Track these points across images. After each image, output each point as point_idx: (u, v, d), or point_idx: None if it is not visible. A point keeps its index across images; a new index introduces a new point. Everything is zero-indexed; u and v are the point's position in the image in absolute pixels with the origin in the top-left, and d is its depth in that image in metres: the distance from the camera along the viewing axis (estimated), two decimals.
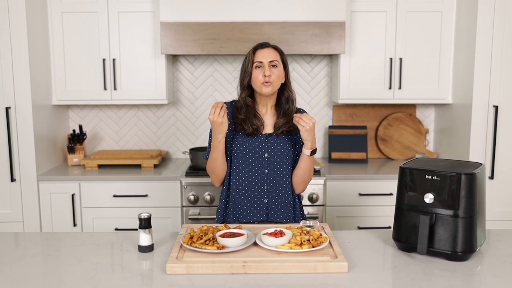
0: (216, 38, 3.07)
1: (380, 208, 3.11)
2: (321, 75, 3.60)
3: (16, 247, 1.86)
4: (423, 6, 3.20)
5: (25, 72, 2.94)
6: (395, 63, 3.25)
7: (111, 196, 3.09)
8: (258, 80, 2.03)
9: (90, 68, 3.24)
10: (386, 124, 3.59)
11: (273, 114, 2.13)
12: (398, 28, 3.22)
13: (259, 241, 1.70)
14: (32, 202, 3.05)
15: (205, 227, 1.80)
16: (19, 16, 2.90)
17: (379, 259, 1.71)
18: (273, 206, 2.10)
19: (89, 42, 3.22)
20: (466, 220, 1.64)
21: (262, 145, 2.08)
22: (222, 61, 3.58)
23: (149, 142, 3.67)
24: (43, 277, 1.56)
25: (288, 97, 2.11)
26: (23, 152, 3.01)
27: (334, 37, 3.09)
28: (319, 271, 1.55)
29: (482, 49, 2.94)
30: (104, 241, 1.87)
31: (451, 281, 1.50)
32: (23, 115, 2.98)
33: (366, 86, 3.28)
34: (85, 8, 3.18)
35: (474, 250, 1.65)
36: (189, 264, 1.55)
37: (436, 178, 1.67)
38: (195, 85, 3.60)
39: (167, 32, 3.06)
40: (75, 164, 3.40)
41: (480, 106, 2.98)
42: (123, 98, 3.27)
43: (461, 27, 3.14)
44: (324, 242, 1.68)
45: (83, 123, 3.61)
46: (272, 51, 2.06)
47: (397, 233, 1.77)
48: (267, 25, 3.06)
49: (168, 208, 3.09)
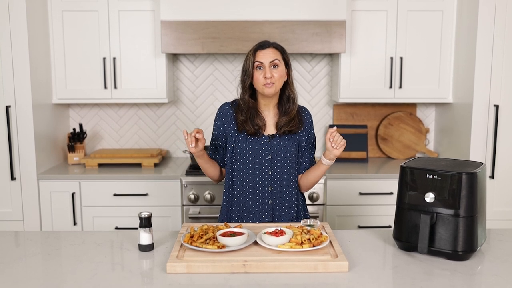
0: (216, 37, 3.07)
1: (380, 207, 3.11)
2: (321, 74, 3.60)
3: (16, 246, 1.86)
4: (423, 5, 3.19)
5: (26, 71, 2.94)
6: (395, 62, 3.24)
7: (111, 195, 3.09)
8: (259, 82, 2.01)
9: (91, 67, 3.24)
10: (387, 123, 3.59)
11: (275, 114, 2.11)
12: (398, 27, 3.21)
13: (259, 240, 1.69)
14: (32, 201, 3.05)
15: (206, 226, 1.80)
16: (19, 15, 2.90)
17: (380, 259, 1.71)
18: (278, 207, 2.09)
19: (89, 40, 3.21)
20: (467, 219, 1.64)
21: (266, 146, 2.07)
22: (222, 60, 3.57)
23: (150, 141, 3.66)
24: (43, 276, 1.56)
25: (289, 96, 2.09)
26: (23, 151, 3.01)
27: (334, 36, 3.08)
28: (320, 270, 1.55)
29: (482, 48, 2.93)
30: (104, 240, 1.87)
31: (451, 281, 1.50)
32: (24, 113, 2.98)
33: (367, 85, 3.27)
34: (85, 6, 3.18)
35: (475, 250, 1.65)
36: (189, 263, 1.55)
37: (437, 177, 1.67)
38: (196, 84, 3.60)
39: (167, 31, 3.06)
40: (75, 163, 3.40)
41: (480, 105, 2.98)
42: (123, 96, 3.27)
43: (461, 26, 3.13)
44: (324, 242, 1.68)
45: (84, 122, 3.60)
46: (272, 50, 2.03)
47: (397, 233, 1.77)
48: (268, 24, 3.06)
49: (168, 207, 3.09)
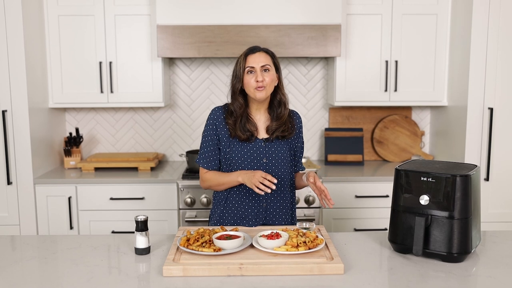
0: (212, 41, 3.08)
1: (376, 210, 3.12)
2: (317, 78, 3.61)
3: (13, 250, 1.86)
4: (418, 9, 3.21)
5: (22, 75, 2.94)
6: (390, 65, 3.26)
7: (108, 199, 3.09)
8: (250, 86, 2.01)
9: (87, 71, 3.24)
10: (382, 127, 3.60)
11: (267, 118, 2.11)
12: (393, 31, 3.23)
13: (255, 243, 1.70)
14: (28, 205, 3.05)
15: (202, 229, 1.81)
16: (15, 19, 2.90)
17: (375, 261, 1.71)
18: (272, 210, 2.10)
19: (85, 45, 3.22)
20: (461, 221, 1.65)
21: (260, 150, 2.06)
22: (218, 64, 3.58)
23: (146, 145, 3.67)
24: (40, 280, 1.57)
25: (280, 100, 2.09)
26: (19, 155, 3.01)
27: (330, 40, 3.10)
28: (315, 273, 1.55)
29: (477, 52, 2.95)
30: (100, 243, 1.87)
31: (446, 282, 1.51)
32: (20, 118, 2.98)
33: (362, 88, 3.29)
34: (81, 11, 3.18)
35: (470, 252, 1.67)
36: (185, 266, 1.55)
37: (431, 180, 1.68)
38: (192, 88, 3.61)
39: (163, 35, 3.07)
40: (71, 167, 3.40)
41: (475, 108, 3.00)
42: (119, 101, 3.27)
43: (456, 30, 3.15)
44: (320, 244, 1.69)
45: (80, 126, 3.60)
46: (263, 55, 2.04)
47: (393, 235, 1.77)
48: (264, 28, 3.07)
49: (164, 211, 3.09)
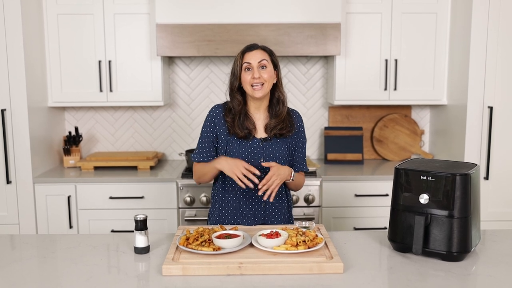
0: (212, 40, 3.07)
1: (376, 209, 3.12)
2: (316, 77, 3.61)
3: (12, 249, 1.86)
4: (418, 7, 3.21)
5: (21, 74, 2.94)
6: (390, 64, 3.26)
7: (107, 198, 3.09)
8: (247, 83, 2.00)
9: (86, 70, 3.24)
10: (382, 125, 3.60)
11: (266, 117, 2.10)
12: (393, 30, 3.23)
13: (255, 242, 1.70)
14: (28, 204, 3.04)
15: (201, 228, 1.80)
16: (14, 18, 2.90)
17: (375, 260, 1.71)
18: (270, 210, 2.10)
19: (85, 44, 3.21)
20: (461, 220, 1.65)
21: (258, 149, 2.06)
22: (218, 62, 3.58)
23: (145, 144, 3.66)
24: (39, 279, 1.56)
25: (279, 98, 2.08)
26: (18, 154, 3.00)
27: (329, 39, 3.10)
28: (315, 272, 1.55)
29: (476, 50, 2.95)
30: (100, 243, 1.87)
31: (446, 281, 1.51)
32: (19, 117, 2.97)
33: (362, 87, 3.28)
34: (81, 10, 3.18)
35: (469, 251, 1.66)
36: (185, 266, 1.55)
37: (431, 179, 1.68)
38: (191, 87, 3.61)
39: (163, 34, 3.06)
40: (71, 166, 3.40)
41: (475, 107, 3.00)
42: (119, 100, 3.27)
43: (456, 29, 3.15)
44: (319, 243, 1.69)
45: (79, 125, 3.60)
46: (260, 52, 2.03)
47: (392, 234, 1.77)
48: (263, 26, 3.07)
49: (164, 210, 3.09)
